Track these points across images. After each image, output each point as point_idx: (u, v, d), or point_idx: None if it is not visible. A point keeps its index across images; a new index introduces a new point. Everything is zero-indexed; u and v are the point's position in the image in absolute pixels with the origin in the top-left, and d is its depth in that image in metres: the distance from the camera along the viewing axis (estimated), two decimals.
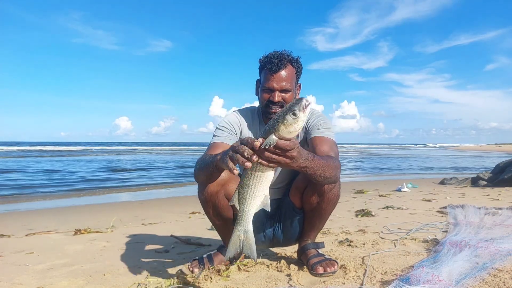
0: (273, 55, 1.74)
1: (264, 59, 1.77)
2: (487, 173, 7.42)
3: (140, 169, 12.84)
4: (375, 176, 10.91)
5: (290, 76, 1.75)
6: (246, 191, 1.20)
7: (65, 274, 1.86)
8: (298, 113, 1.10)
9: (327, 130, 1.74)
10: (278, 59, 1.72)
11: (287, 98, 1.75)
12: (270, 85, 1.73)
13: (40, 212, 4.86)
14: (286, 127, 1.10)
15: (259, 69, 1.83)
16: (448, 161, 19.34)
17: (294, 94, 1.80)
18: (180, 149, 42.28)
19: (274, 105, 1.74)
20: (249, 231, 1.26)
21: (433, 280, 1.38)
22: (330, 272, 1.66)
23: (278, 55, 1.74)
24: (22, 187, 7.63)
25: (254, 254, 1.29)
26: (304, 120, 1.12)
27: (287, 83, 1.73)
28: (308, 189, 1.73)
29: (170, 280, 1.62)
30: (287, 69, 1.74)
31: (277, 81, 1.72)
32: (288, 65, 1.75)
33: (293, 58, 1.78)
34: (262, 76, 1.80)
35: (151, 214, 4.25)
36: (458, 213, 3.15)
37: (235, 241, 1.27)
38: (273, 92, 1.73)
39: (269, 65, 1.72)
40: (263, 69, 1.78)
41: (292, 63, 1.77)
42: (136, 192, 7.41)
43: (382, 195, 5.34)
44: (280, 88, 1.73)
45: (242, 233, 1.26)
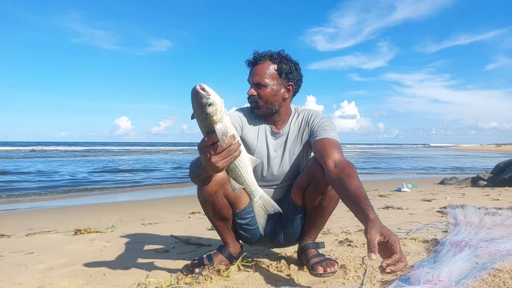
0: (255, 52, 1.77)
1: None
2: (487, 173, 7.42)
3: (140, 170, 12.83)
4: (375, 176, 10.91)
5: (265, 71, 1.73)
6: (239, 171, 1.26)
7: (65, 274, 1.86)
8: (211, 98, 1.11)
9: (332, 132, 1.72)
10: (257, 54, 1.75)
11: (262, 94, 1.74)
12: (248, 79, 1.77)
13: (40, 212, 4.86)
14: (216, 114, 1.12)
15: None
16: (448, 161, 19.33)
17: (274, 92, 1.75)
18: (183, 149, 42.27)
19: (249, 98, 1.77)
20: (263, 195, 1.35)
21: (433, 280, 1.38)
22: (330, 272, 1.66)
23: (259, 53, 1.76)
24: (19, 189, 7.63)
25: (277, 207, 1.39)
26: (217, 95, 1.13)
27: (260, 77, 1.72)
28: (310, 187, 1.73)
29: (170, 280, 1.62)
30: (264, 64, 1.74)
31: (252, 75, 1.75)
32: (266, 60, 1.74)
33: (275, 54, 1.75)
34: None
35: (151, 214, 4.25)
36: (458, 213, 3.15)
37: (259, 210, 1.35)
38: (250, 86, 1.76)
39: (247, 60, 1.77)
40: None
41: (273, 59, 1.74)
42: (136, 192, 7.41)
43: (382, 195, 5.34)
44: (253, 82, 1.74)
45: (260, 201, 1.34)
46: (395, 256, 1.17)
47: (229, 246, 1.89)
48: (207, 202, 1.74)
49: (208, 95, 1.10)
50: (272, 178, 1.88)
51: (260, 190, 1.33)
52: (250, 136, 1.85)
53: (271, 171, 1.86)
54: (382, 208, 3.99)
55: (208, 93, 1.11)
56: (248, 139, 1.85)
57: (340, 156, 1.57)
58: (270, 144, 1.85)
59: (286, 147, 1.84)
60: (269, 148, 1.85)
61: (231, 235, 1.88)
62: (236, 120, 1.84)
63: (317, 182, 1.67)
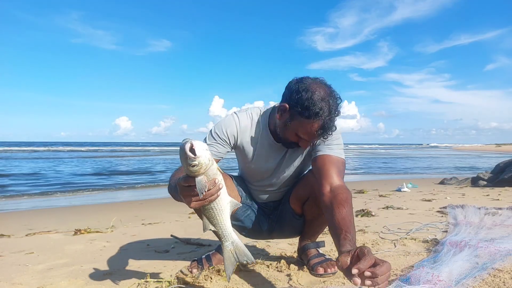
0: (329, 114, 1.44)
1: (321, 107, 1.42)
2: (487, 173, 7.42)
3: (139, 172, 12.83)
4: (375, 176, 10.91)
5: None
6: (213, 213, 1.20)
7: (65, 274, 1.86)
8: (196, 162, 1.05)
9: (337, 148, 1.59)
10: (332, 121, 1.47)
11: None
12: (307, 137, 1.52)
13: (40, 212, 4.86)
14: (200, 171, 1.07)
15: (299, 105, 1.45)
16: (448, 161, 19.33)
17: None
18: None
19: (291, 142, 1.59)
20: (235, 241, 1.26)
21: (433, 280, 1.38)
22: (330, 273, 1.66)
23: (334, 113, 1.46)
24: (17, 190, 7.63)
25: (250, 257, 1.27)
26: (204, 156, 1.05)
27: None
28: (310, 201, 1.69)
29: (170, 280, 1.62)
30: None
31: (317, 137, 1.52)
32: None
33: (339, 113, 1.50)
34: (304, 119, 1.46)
35: (151, 214, 4.25)
36: (458, 213, 3.15)
37: (229, 257, 1.27)
38: (306, 142, 1.55)
39: (320, 130, 1.46)
40: (310, 117, 1.45)
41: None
42: (136, 192, 7.41)
43: (382, 195, 5.34)
44: (314, 139, 1.55)
45: (231, 246, 1.26)
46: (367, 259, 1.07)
47: None
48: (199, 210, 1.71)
49: (194, 158, 1.04)
50: (271, 185, 1.81)
51: (234, 235, 1.24)
52: (248, 144, 1.71)
53: (269, 180, 1.78)
54: (382, 208, 3.99)
55: (195, 157, 1.04)
56: (246, 146, 1.71)
57: (338, 179, 1.50)
58: (269, 153, 1.71)
59: (286, 157, 1.72)
60: (268, 157, 1.72)
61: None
62: (231, 128, 1.67)
63: (317, 198, 1.59)
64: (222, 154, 1.66)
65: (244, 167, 1.80)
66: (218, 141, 1.65)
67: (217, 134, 1.65)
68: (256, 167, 1.74)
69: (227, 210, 1.21)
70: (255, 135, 1.70)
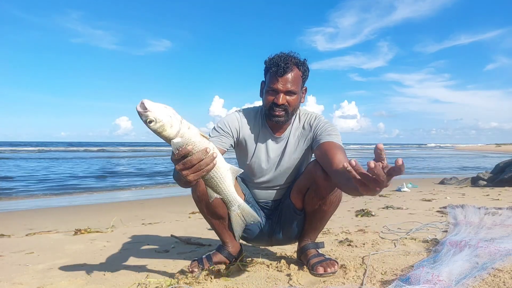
0: (280, 58, 1.71)
1: (270, 61, 1.74)
2: (487, 173, 7.42)
3: (140, 174, 12.83)
4: None
5: (295, 79, 1.72)
6: (215, 181, 1.21)
7: (65, 274, 1.86)
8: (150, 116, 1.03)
9: (336, 137, 1.71)
10: (284, 62, 1.69)
11: (292, 101, 1.72)
12: (275, 87, 1.70)
13: (40, 212, 4.86)
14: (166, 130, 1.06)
15: (265, 70, 1.79)
16: (448, 161, 19.33)
17: (299, 97, 1.78)
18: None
19: (277, 107, 1.72)
20: (241, 204, 1.29)
21: (433, 280, 1.38)
22: (330, 273, 1.66)
23: (284, 57, 1.71)
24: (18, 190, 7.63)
25: (256, 217, 1.33)
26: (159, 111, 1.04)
27: (292, 85, 1.71)
28: (310, 191, 1.73)
29: (170, 280, 1.62)
30: (293, 72, 1.71)
31: (283, 83, 1.70)
32: (294, 68, 1.72)
33: (300, 60, 1.75)
34: (267, 78, 1.77)
35: (151, 214, 4.25)
36: (458, 213, 3.15)
37: (236, 220, 1.31)
38: (278, 94, 1.71)
39: (275, 68, 1.70)
40: (268, 71, 1.75)
41: (299, 66, 1.74)
42: (136, 192, 7.41)
43: (382, 195, 5.34)
44: (285, 90, 1.70)
45: (238, 210, 1.29)
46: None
47: (227, 245, 1.89)
48: (201, 201, 1.75)
49: (146, 112, 1.02)
50: (271, 181, 1.87)
51: (239, 199, 1.28)
52: (249, 139, 1.84)
53: (270, 175, 1.85)
54: (382, 208, 3.99)
55: (146, 110, 1.02)
56: (247, 140, 1.84)
57: (345, 158, 1.57)
58: (270, 148, 1.83)
59: (286, 150, 1.83)
60: (268, 151, 1.83)
61: (229, 234, 1.88)
62: (233, 122, 1.81)
63: (318, 187, 1.67)
64: (226, 145, 1.76)
65: (245, 164, 1.86)
66: (221, 133, 1.77)
67: (220, 128, 1.78)
68: (257, 161, 1.83)
69: (228, 176, 1.23)
70: (255, 130, 1.84)
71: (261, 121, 1.86)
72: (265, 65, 1.77)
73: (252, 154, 1.84)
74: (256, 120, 1.86)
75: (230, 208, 1.28)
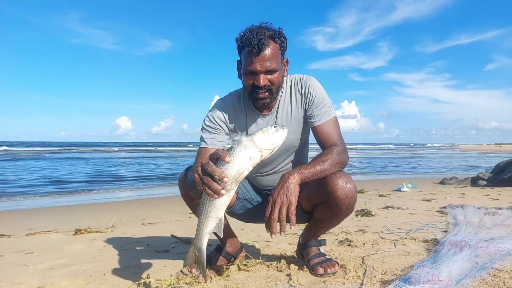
0: (251, 34, 1.51)
1: (242, 38, 1.54)
2: (487, 173, 7.42)
3: (140, 174, 12.83)
4: (375, 176, 10.91)
5: (274, 55, 1.54)
6: (201, 209, 1.23)
7: (65, 274, 1.86)
8: (279, 128, 1.18)
9: (326, 109, 1.66)
10: (258, 38, 1.49)
11: (274, 80, 1.57)
12: (253, 68, 1.53)
13: (40, 212, 4.86)
14: (263, 133, 1.16)
15: (238, 49, 1.61)
16: (448, 161, 19.33)
17: (281, 73, 1.62)
18: (185, 149, 42.24)
19: (260, 89, 1.56)
20: (202, 250, 1.31)
21: (433, 280, 1.38)
22: (330, 273, 1.65)
23: (257, 33, 1.51)
24: (22, 187, 7.63)
25: (204, 272, 1.39)
26: (281, 138, 1.20)
27: (272, 62, 1.53)
28: (323, 206, 1.61)
29: (170, 280, 1.62)
30: (270, 47, 1.52)
31: (260, 63, 1.52)
32: (270, 43, 1.53)
33: (275, 31, 1.56)
34: (242, 59, 1.60)
35: (151, 214, 4.25)
36: (458, 213, 3.15)
37: (191, 255, 1.35)
38: (257, 75, 1.54)
39: (248, 47, 1.51)
40: (242, 50, 1.57)
41: (274, 38, 1.55)
42: (136, 192, 7.41)
43: (382, 195, 5.33)
44: (265, 69, 1.53)
45: (196, 251, 1.33)
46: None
47: (225, 244, 1.88)
48: (186, 198, 1.75)
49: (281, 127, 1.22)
50: (271, 163, 1.78)
51: (203, 245, 1.30)
52: (239, 127, 1.74)
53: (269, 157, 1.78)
54: (382, 208, 3.99)
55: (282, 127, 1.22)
56: (237, 130, 1.74)
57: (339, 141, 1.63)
58: (261, 126, 1.69)
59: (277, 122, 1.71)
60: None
61: (226, 234, 1.86)
62: (219, 116, 1.71)
63: (331, 206, 1.55)
64: (223, 143, 1.71)
65: None
66: (212, 132, 1.70)
67: (209, 126, 1.70)
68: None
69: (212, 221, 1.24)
70: (242, 116, 1.74)
71: (246, 103, 1.73)
72: (237, 43, 1.59)
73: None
74: (240, 105, 1.74)
75: (194, 243, 1.31)
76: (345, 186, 1.51)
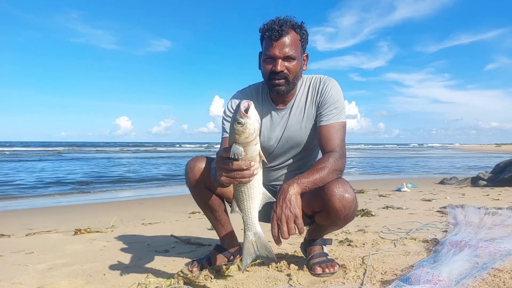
0: (274, 22, 1.58)
1: (264, 26, 1.60)
2: (487, 173, 7.42)
3: (139, 174, 12.83)
4: (375, 175, 10.91)
5: (293, 43, 1.59)
6: (242, 197, 1.21)
7: (65, 274, 1.86)
8: (242, 120, 1.10)
9: (337, 112, 1.64)
10: (279, 25, 1.56)
11: (292, 68, 1.60)
12: (272, 53, 1.57)
13: (40, 212, 4.86)
14: (241, 136, 1.11)
15: (260, 39, 1.67)
16: (448, 161, 19.33)
17: (300, 64, 1.65)
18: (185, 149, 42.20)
19: (277, 75, 1.59)
20: (259, 233, 1.25)
21: (433, 280, 1.38)
22: (328, 273, 1.65)
23: (279, 21, 1.58)
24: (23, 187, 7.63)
25: (272, 254, 1.28)
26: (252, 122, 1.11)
27: (291, 49, 1.58)
28: (322, 214, 1.61)
29: (170, 280, 1.62)
30: (290, 35, 1.58)
31: (279, 48, 1.57)
32: (291, 31, 1.59)
33: (297, 23, 1.62)
34: (263, 46, 1.65)
35: (151, 214, 4.24)
36: (458, 213, 3.15)
37: (248, 247, 1.26)
38: (275, 60, 1.58)
39: (269, 32, 1.56)
40: (263, 38, 1.63)
41: (295, 29, 1.61)
42: (136, 191, 7.41)
43: (382, 195, 5.33)
44: (283, 55, 1.57)
45: (253, 237, 1.25)
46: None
47: (224, 242, 1.88)
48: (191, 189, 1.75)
49: (243, 117, 1.09)
50: (279, 157, 1.79)
51: (258, 227, 1.25)
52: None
53: (276, 151, 1.77)
54: (382, 208, 3.99)
55: (244, 116, 1.09)
56: None
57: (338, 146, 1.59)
58: (274, 122, 1.74)
59: (290, 121, 1.73)
60: (272, 126, 1.74)
61: (224, 230, 1.86)
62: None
63: (329, 215, 1.56)
64: None
65: None
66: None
67: (229, 116, 1.70)
68: (264, 139, 1.75)
69: (257, 199, 1.23)
70: (258, 108, 1.72)
71: (263, 96, 1.77)
72: (260, 32, 1.64)
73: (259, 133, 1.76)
74: (258, 97, 1.77)
75: (246, 233, 1.25)
76: (343, 196, 1.49)
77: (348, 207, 1.51)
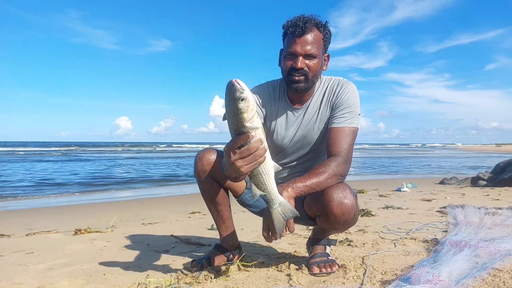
0: (298, 18, 1.57)
1: (288, 22, 1.60)
2: (487, 173, 7.42)
3: (140, 174, 12.82)
4: (375, 175, 10.91)
5: (316, 41, 1.58)
6: (261, 179, 1.23)
7: (65, 274, 1.86)
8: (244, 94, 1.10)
9: (350, 116, 1.62)
10: (303, 22, 1.55)
11: (312, 66, 1.59)
12: (293, 50, 1.57)
13: (40, 212, 4.86)
14: (247, 112, 1.11)
15: (283, 35, 1.66)
16: (448, 161, 19.33)
17: (320, 63, 1.64)
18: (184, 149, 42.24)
19: (296, 72, 1.58)
20: (282, 202, 1.30)
21: (433, 280, 1.38)
22: (324, 273, 1.64)
23: (303, 18, 1.57)
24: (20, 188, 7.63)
25: (295, 211, 1.33)
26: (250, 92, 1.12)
27: (313, 47, 1.56)
28: (323, 218, 1.58)
29: (170, 280, 1.62)
30: (313, 33, 1.57)
31: (301, 45, 1.55)
32: (314, 29, 1.58)
33: (321, 22, 1.61)
34: (285, 43, 1.63)
35: (151, 214, 4.24)
36: (458, 213, 3.15)
37: (278, 218, 1.31)
38: (296, 57, 1.57)
39: (292, 28, 1.56)
40: (286, 34, 1.62)
41: (319, 27, 1.60)
42: (136, 191, 7.41)
43: (382, 195, 5.33)
44: (304, 53, 1.56)
45: (279, 208, 1.30)
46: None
47: (223, 240, 1.88)
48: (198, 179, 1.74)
49: (242, 90, 1.09)
50: (291, 155, 1.78)
51: (280, 197, 1.29)
52: (270, 115, 1.74)
53: (289, 150, 1.77)
54: (382, 208, 3.99)
55: (242, 88, 1.09)
56: (267, 118, 1.74)
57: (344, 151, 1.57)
58: (289, 121, 1.73)
59: (304, 121, 1.72)
60: (287, 125, 1.73)
61: (225, 227, 1.85)
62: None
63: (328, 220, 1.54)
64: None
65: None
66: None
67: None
68: (278, 137, 1.75)
69: (273, 173, 1.26)
70: (275, 105, 1.74)
71: (281, 94, 1.75)
72: (283, 28, 1.64)
73: (273, 129, 1.74)
74: (275, 94, 1.75)
75: (272, 206, 1.29)
76: (342, 202, 1.47)
77: (347, 213, 1.49)
